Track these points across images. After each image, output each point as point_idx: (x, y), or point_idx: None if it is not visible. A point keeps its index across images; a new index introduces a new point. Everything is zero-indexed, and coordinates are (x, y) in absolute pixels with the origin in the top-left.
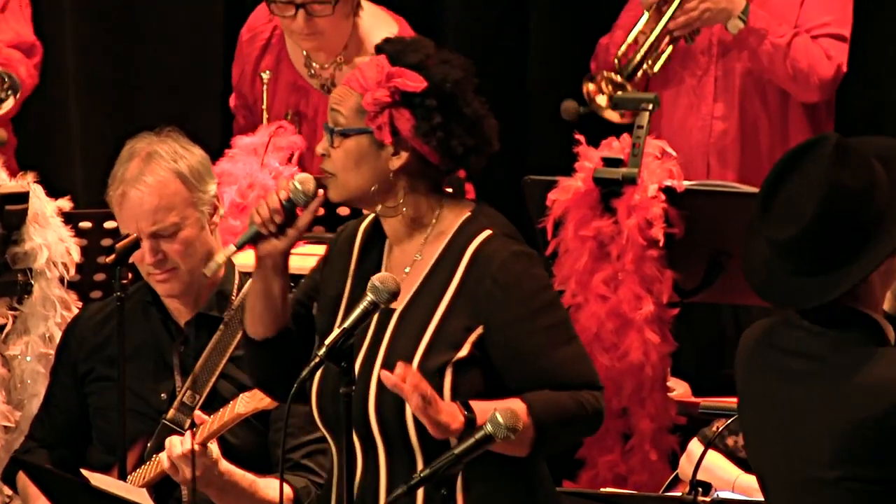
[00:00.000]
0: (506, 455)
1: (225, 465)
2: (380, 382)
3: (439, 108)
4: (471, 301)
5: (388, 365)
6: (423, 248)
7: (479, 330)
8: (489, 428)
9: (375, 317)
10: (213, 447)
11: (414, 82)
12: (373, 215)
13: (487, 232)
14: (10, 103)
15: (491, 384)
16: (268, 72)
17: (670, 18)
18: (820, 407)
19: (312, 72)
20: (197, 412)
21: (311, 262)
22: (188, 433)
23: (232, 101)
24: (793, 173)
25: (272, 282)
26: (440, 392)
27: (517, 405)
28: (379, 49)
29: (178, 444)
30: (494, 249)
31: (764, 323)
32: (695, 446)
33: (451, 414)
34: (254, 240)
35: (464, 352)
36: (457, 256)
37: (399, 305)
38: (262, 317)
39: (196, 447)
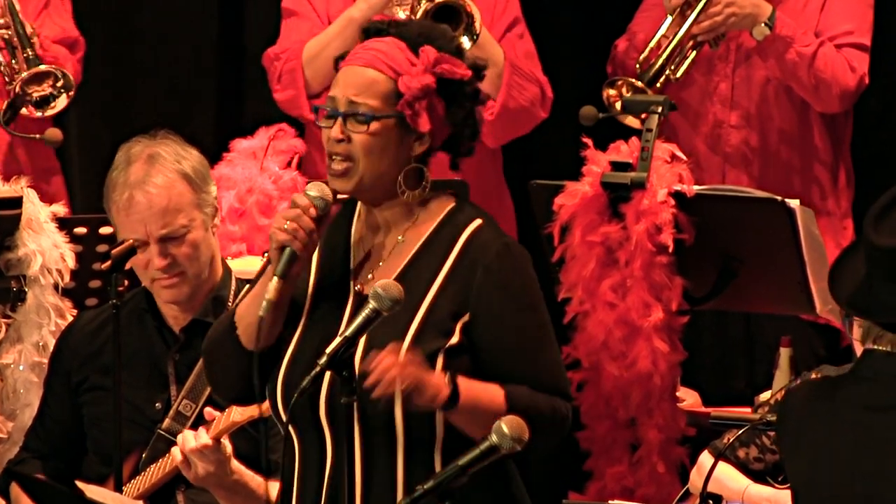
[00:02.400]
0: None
1: (236, 465)
2: (362, 371)
3: (470, 96)
4: (461, 288)
5: (371, 352)
6: (404, 235)
7: (466, 317)
8: (494, 438)
9: (349, 303)
10: (227, 444)
11: (461, 70)
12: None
13: (479, 221)
14: (63, 101)
15: (479, 371)
16: None
17: (694, 23)
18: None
19: None
20: (207, 409)
21: None
22: (201, 428)
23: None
24: None
25: (287, 293)
26: None
27: (496, 391)
28: (378, 31)
29: (191, 439)
30: (488, 239)
31: (818, 381)
32: (706, 458)
33: (437, 386)
34: (292, 263)
35: (455, 338)
36: (447, 243)
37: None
38: (271, 328)
39: (210, 441)
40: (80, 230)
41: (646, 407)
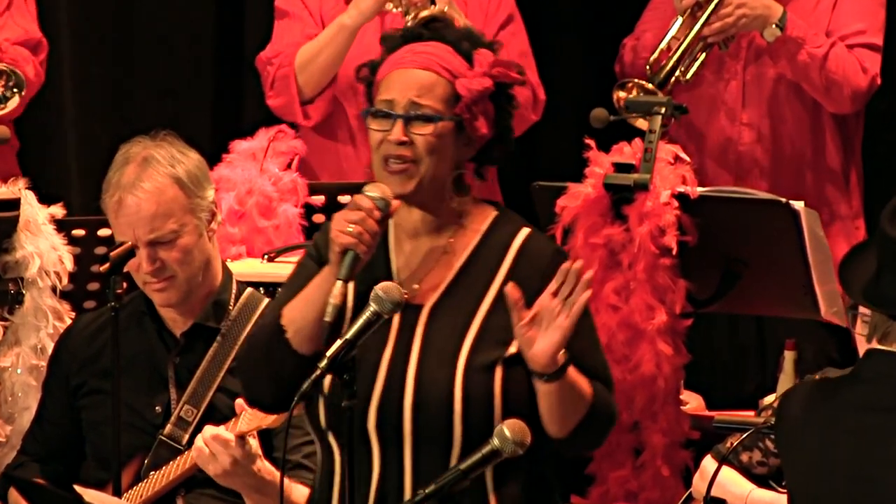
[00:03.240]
0: (532, 460)
1: (266, 465)
2: (417, 381)
3: (514, 101)
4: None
5: (425, 362)
6: (450, 243)
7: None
8: (496, 442)
9: (397, 314)
10: (254, 443)
11: (514, 73)
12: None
13: (527, 230)
14: (15, 101)
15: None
16: None
17: (705, 24)
18: None
19: None
20: (238, 400)
21: None
22: (222, 426)
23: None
24: None
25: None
26: (490, 389)
27: (584, 379)
28: (418, 35)
29: (212, 429)
30: (540, 247)
31: (817, 382)
32: (709, 463)
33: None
34: (355, 266)
35: (514, 348)
36: (499, 252)
37: (429, 301)
38: (324, 331)
39: (234, 437)
40: (79, 232)
41: (649, 410)
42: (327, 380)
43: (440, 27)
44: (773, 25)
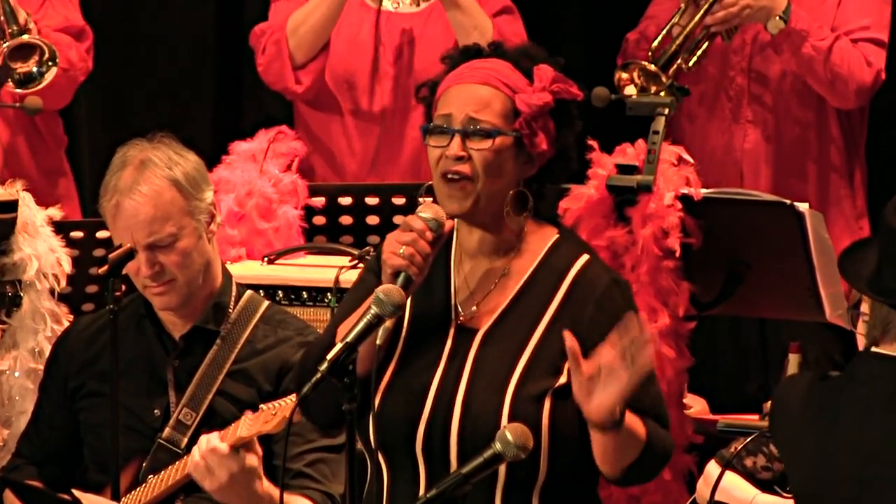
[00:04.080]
0: (580, 487)
1: (258, 483)
2: (465, 405)
3: (576, 119)
4: (570, 325)
5: (475, 387)
6: (509, 265)
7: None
8: (498, 446)
9: (451, 334)
10: (254, 458)
11: (574, 90)
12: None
13: (587, 256)
14: (52, 73)
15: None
16: None
17: (707, 13)
18: None
19: None
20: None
21: (332, 274)
22: (215, 434)
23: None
24: None
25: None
26: (538, 420)
27: (638, 422)
28: (478, 52)
29: (205, 442)
30: (597, 275)
31: (810, 381)
32: (712, 468)
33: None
34: (408, 288)
35: (564, 378)
36: (556, 278)
37: (483, 325)
38: (377, 353)
39: (226, 449)
40: (77, 234)
41: None
42: (377, 398)
43: (500, 44)
44: (777, 18)
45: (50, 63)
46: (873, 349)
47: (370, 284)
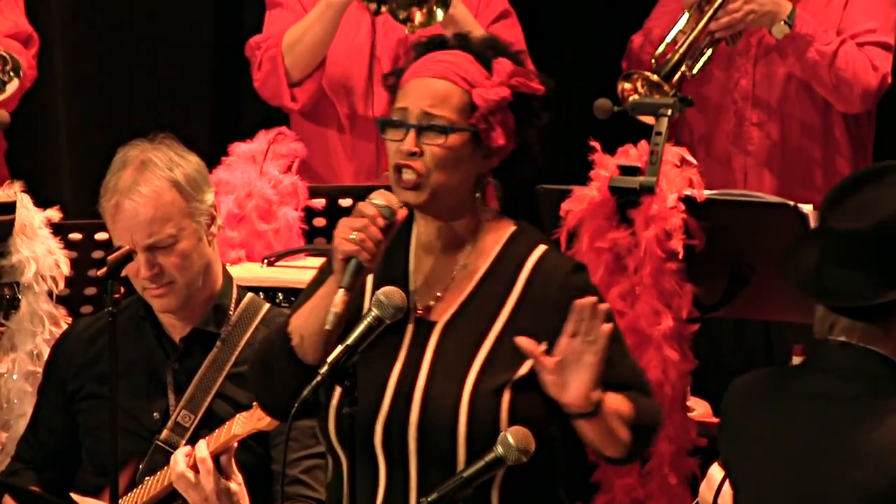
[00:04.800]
0: (540, 483)
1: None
2: (424, 399)
3: (538, 113)
4: (532, 315)
5: (434, 379)
6: (467, 259)
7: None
8: (500, 450)
9: (409, 328)
10: (235, 487)
11: (535, 84)
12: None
13: (543, 247)
14: (14, 85)
15: (550, 406)
16: None
17: (712, 19)
18: (854, 456)
19: None
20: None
21: (309, 276)
22: (201, 441)
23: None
24: (871, 183)
25: (350, 305)
26: (496, 414)
27: (621, 400)
28: (441, 43)
29: (181, 461)
30: (556, 263)
31: (764, 372)
32: (716, 471)
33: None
34: (358, 274)
35: (524, 370)
36: (514, 269)
37: (442, 318)
38: (328, 341)
39: (207, 456)
40: (75, 236)
41: None
42: (337, 390)
43: (465, 35)
44: (782, 22)
45: (12, 73)
46: (829, 338)
47: (327, 276)
